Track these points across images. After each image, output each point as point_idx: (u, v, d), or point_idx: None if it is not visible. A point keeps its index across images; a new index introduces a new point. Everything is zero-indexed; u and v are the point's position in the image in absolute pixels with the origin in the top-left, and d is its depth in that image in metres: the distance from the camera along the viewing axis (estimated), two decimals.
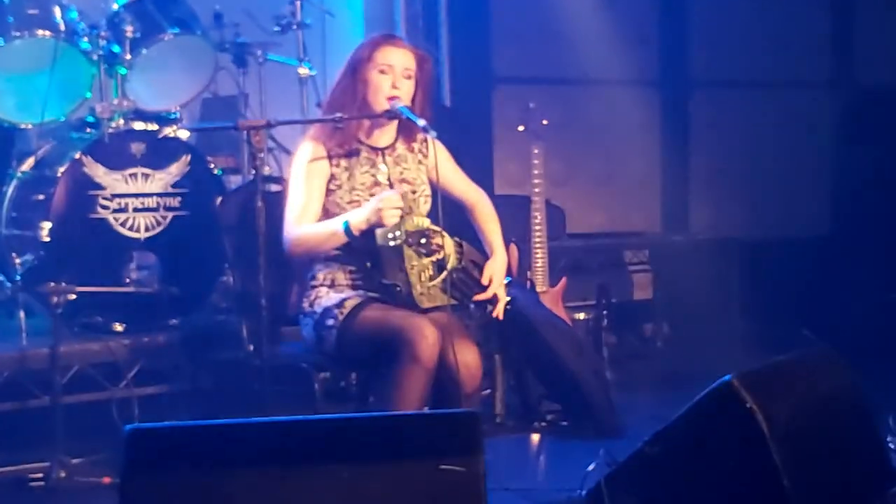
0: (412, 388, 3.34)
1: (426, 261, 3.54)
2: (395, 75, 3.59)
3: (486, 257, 3.75)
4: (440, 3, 6.43)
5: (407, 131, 3.72)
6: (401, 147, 3.72)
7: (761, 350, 5.44)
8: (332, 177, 3.60)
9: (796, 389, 2.85)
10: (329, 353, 3.57)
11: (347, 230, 3.46)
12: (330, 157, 3.60)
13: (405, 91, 3.60)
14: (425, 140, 3.71)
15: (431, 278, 3.54)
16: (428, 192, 3.71)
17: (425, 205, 3.68)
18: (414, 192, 3.66)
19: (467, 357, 3.44)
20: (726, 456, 2.70)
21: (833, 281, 6.47)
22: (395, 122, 3.67)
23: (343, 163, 3.61)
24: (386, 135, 3.70)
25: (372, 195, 3.58)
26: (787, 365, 2.98)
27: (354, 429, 2.58)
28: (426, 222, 3.59)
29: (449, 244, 3.57)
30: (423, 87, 3.67)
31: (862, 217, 6.79)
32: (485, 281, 3.68)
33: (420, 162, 3.73)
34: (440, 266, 3.56)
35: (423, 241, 3.53)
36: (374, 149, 3.67)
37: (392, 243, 3.43)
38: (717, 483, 2.72)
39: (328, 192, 3.61)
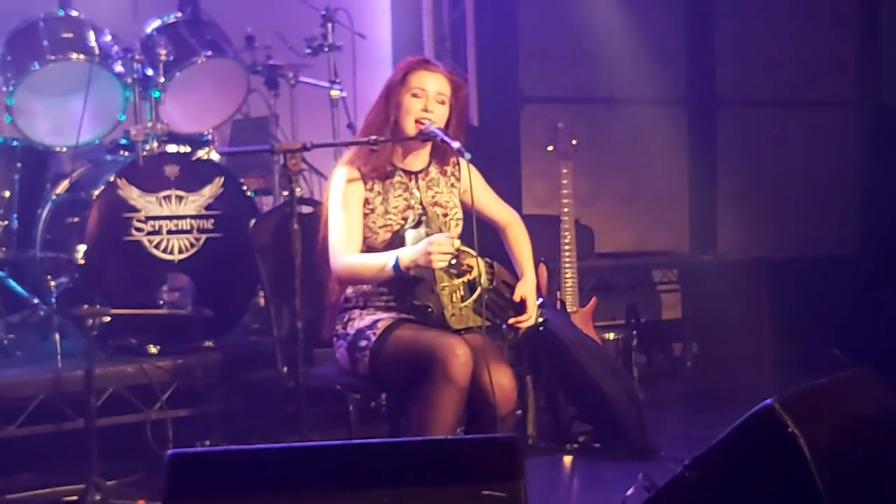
0: (445, 407, 3.34)
1: (457, 282, 3.54)
2: (427, 99, 3.60)
3: (516, 278, 3.76)
4: (467, 24, 6.45)
5: (440, 155, 3.73)
6: (434, 171, 3.73)
7: (790, 369, 5.43)
8: (366, 201, 3.61)
9: (837, 412, 2.83)
10: (363, 374, 3.58)
11: (396, 267, 3.46)
12: (364, 181, 3.62)
13: (437, 115, 3.60)
14: (457, 163, 3.73)
15: (463, 299, 3.55)
16: (460, 215, 3.72)
17: (456, 228, 3.69)
18: (445, 216, 3.67)
19: (502, 379, 3.44)
20: (768, 481, 2.68)
21: (862, 299, 6.44)
22: (429, 146, 3.68)
23: (377, 186, 3.62)
24: (419, 158, 3.71)
25: (404, 219, 3.59)
26: (827, 387, 2.95)
27: (396, 453, 2.57)
28: (457, 243, 3.60)
29: (480, 265, 3.57)
30: (458, 113, 3.67)
31: (890, 235, 6.76)
32: (516, 300, 3.67)
33: (452, 185, 3.74)
34: (472, 287, 3.56)
35: (454, 261, 3.53)
36: (408, 172, 3.68)
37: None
38: None
39: (362, 215, 3.62)
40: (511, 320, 3.65)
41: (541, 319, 3.76)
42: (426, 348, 3.39)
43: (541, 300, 3.77)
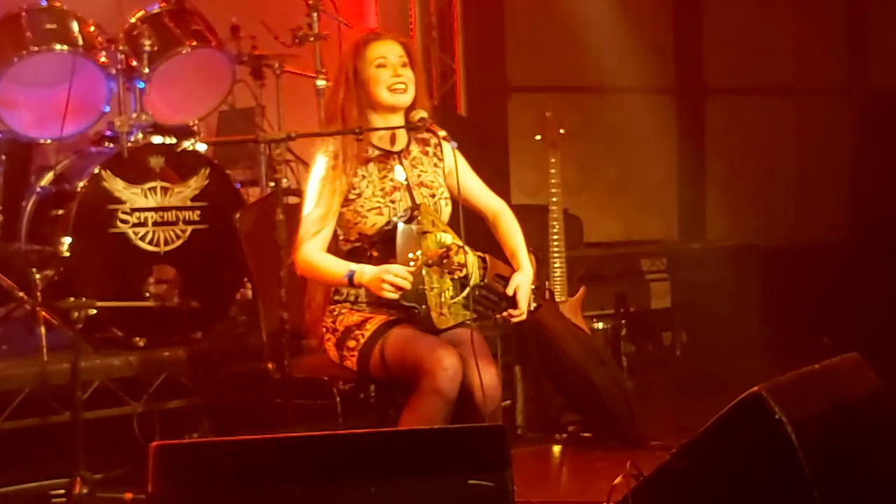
0: (431, 418, 3.31)
1: (447, 281, 3.51)
2: (392, 66, 3.56)
3: (511, 269, 3.72)
4: (454, 13, 6.44)
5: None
6: (415, 149, 3.68)
7: (780, 357, 5.43)
8: (351, 186, 3.58)
9: (825, 399, 2.83)
10: (350, 370, 3.56)
11: (350, 281, 3.45)
12: (345, 168, 3.56)
13: (408, 78, 3.57)
14: (439, 144, 3.69)
15: (453, 297, 3.51)
16: (447, 194, 3.65)
17: (447, 207, 3.63)
18: (433, 196, 3.62)
19: (486, 377, 3.40)
20: (756, 468, 2.68)
21: (852, 287, 6.45)
22: (403, 123, 3.63)
23: (360, 171, 3.58)
24: (399, 138, 3.66)
25: (392, 201, 3.55)
26: (815, 374, 2.94)
27: (382, 444, 2.57)
28: (448, 239, 3.55)
29: (471, 261, 3.53)
30: (418, 72, 3.63)
31: (880, 222, 6.77)
32: (510, 292, 3.64)
33: (436, 165, 3.69)
34: (462, 284, 3.53)
35: (444, 261, 3.50)
36: (390, 153, 3.64)
37: (411, 264, 3.39)
38: (747, 495, 2.69)
39: (348, 201, 3.58)
40: (507, 315, 3.63)
41: (534, 305, 3.73)
42: (414, 359, 3.35)
43: (535, 286, 3.73)
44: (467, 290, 3.51)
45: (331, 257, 3.54)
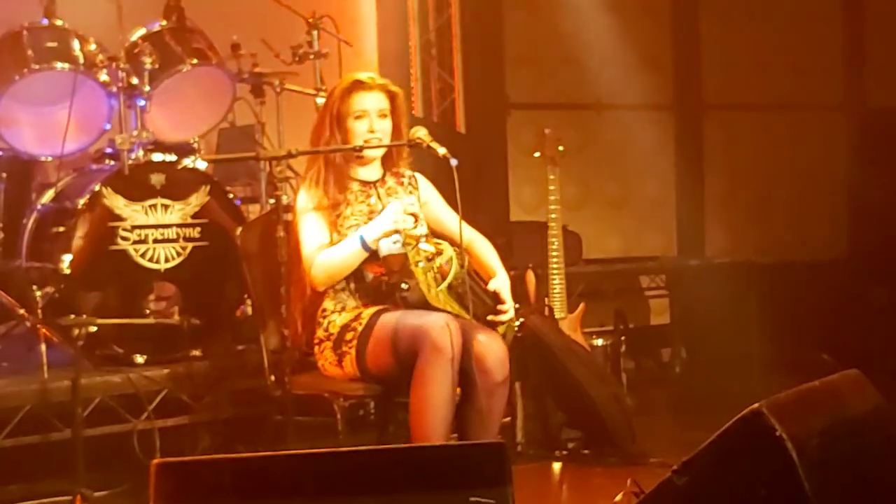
0: (438, 379, 3.36)
1: (430, 265, 3.56)
2: (371, 119, 3.72)
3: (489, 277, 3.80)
4: (453, 31, 6.46)
5: (391, 165, 3.84)
6: (390, 180, 3.85)
7: (780, 374, 5.43)
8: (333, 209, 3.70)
9: (825, 415, 2.83)
10: (349, 373, 3.58)
11: (364, 244, 3.56)
12: (328, 199, 3.70)
13: (383, 131, 3.73)
14: (413, 176, 3.86)
15: (437, 281, 3.56)
16: (422, 215, 3.78)
17: (422, 227, 3.75)
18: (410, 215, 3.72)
19: (492, 345, 3.49)
20: (756, 485, 2.67)
21: (851, 303, 6.45)
22: (380, 158, 3.79)
23: (339, 197, 3.71)
24: (373, 170, 3.82)
25: (369, 220, 3.67)
26: (815, 390, 2.95)
27: (383, 460, 2.57)
28: (425, 231, 3.69)
29: (449, 249, 3.62)
30: (397, 120, 3.79)
31: (878, 239, 6.77)
32: (490, 288, 3.72)
33: (411, 192, 3.84)
34: (444, 273, 3.58)
35: (423, 240, 3.58)
36: (365, 182, 3.79)
37: (394, 245, 3.51)
38: None
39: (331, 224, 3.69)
40: (489, 317, 3.67)
41: (517, 323, 3.78)
42: (413, 326, 3.43)
43: (516, 305, 3.78)
44: (452, 272, 3.55)
45: (329, 250, 3.63)
